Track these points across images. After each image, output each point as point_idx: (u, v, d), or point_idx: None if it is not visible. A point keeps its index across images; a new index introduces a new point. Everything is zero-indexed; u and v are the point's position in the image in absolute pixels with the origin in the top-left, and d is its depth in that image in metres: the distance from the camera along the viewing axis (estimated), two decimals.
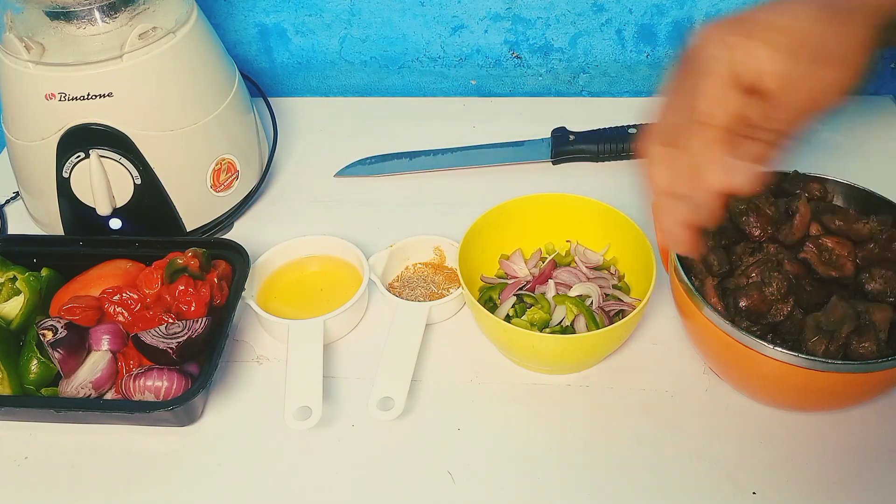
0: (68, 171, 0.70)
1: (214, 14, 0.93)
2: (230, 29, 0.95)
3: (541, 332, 0.63)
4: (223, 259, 0.68)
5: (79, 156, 0.69)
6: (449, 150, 0.87)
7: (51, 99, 0.67)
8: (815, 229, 0.60)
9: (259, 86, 0.90)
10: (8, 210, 0.83)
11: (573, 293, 0.65)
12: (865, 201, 0.63)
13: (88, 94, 0.67)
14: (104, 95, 0.67)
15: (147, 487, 0.58)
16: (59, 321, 0.61)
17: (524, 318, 0.65)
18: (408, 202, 0.82)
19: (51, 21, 0.68)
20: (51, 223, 0.74)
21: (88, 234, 0.72)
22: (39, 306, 0.65)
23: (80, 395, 0.60)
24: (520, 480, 0.57)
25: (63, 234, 0.74)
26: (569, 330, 0.64)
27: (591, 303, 0.65)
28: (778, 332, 0.57)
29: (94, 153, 0.68)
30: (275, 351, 0.67)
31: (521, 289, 0.67)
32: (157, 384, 0.59)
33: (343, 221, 0.79)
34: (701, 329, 0.58)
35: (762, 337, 0.54)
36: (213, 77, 0.74)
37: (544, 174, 0.85)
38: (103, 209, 0.70)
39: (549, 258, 0.70)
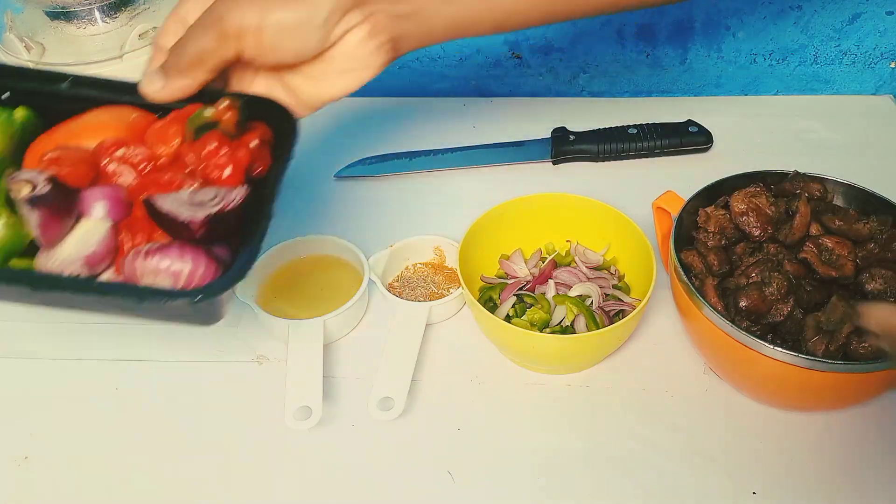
0: None
1: None
2: None
3: (541, 332, 0.63)
4: (261, 121, 0.53)
5: None
6: (449, 150, 0.87)
7: None
8: (815, 229, 0.60)
9: None
10: None
11: (573, 293, 0.65)
12: (865, 201, 0.63)
13: None
14: None
15: (146, 488, 0.58)
16: (39, 174, 0.46)
17: (524, 318, 0.65)
18: (408, 202, 0.82)
19: (51, 21, 0.68)
20: None
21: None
22: (10, 156, 0.51)
23: (69, 273, 0.45)
24: (520, 480, 0.57)
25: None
26: (569, 330, 0.64)
27: (591, 303, 0.65)
28: (778, 332, 0.57)
29: None
30: (275, 351, 0.67)
31: (521, 289, 0.67)
32: (175, 266, 0.43)
33: (343, 221, 0.79)
34: (701, 329, 0.58)
35: (762, 337, 0.54)
36: None
37: (544, 174, 0.85)
38: None
39: (549, 258, 0.70)
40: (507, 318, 0.66)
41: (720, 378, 0.63)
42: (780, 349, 0.53)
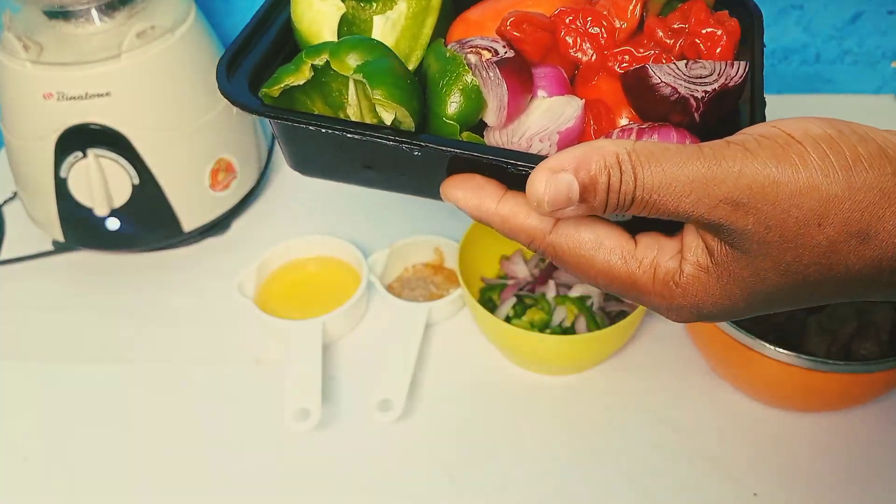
0: (66, 171, 0.69)
1: (213, 13, 0.92)
2: (228, 28, 0.94)
3: (541, 332, 0.63)
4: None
5: (76, 156, 0.68)
6: None
7: (49, 98, 0.66)
8: None
9: None
10: (6, 210, 0.82)
11: (574, 294, 0.65)
12: None
13: (86, 94, 0.66)
14: (102, 95, 0.67)
15: (145, 488, 0.58)
16: (493, 41, 0.39)
17: (524, 318, 0.65)
18: (408, 202, 0.81)
19: (49, 20, 0.68)
20: (48, 223, 0.74)
21: None
22: (435, 30, 0.42)
23: (534, 152, 0.38)
24: (520, 482, 0.57)
25: (63, 234, 0.73)
26: (569, 331, 0.63)
27: (592, 303, 0.65)
28: (779, 333, 0.57)
29: (91, 153, 0.68)
30: (273, 352, 0.67)
31: (521, 289, 0.67)
32: None
33: (343, 221, 0.79)
34: (702, 330, 0.58)
35: (763, 337, 0.54)
36: (211, 76, 0.74)
37: None
38: (101, 209, 0.70)
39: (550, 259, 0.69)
40: (507, 319, 0.65)
41: (721, 378, 0.63)
42: (781, 350, 0.52)
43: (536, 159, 0.33)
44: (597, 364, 0.64)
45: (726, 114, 0.37)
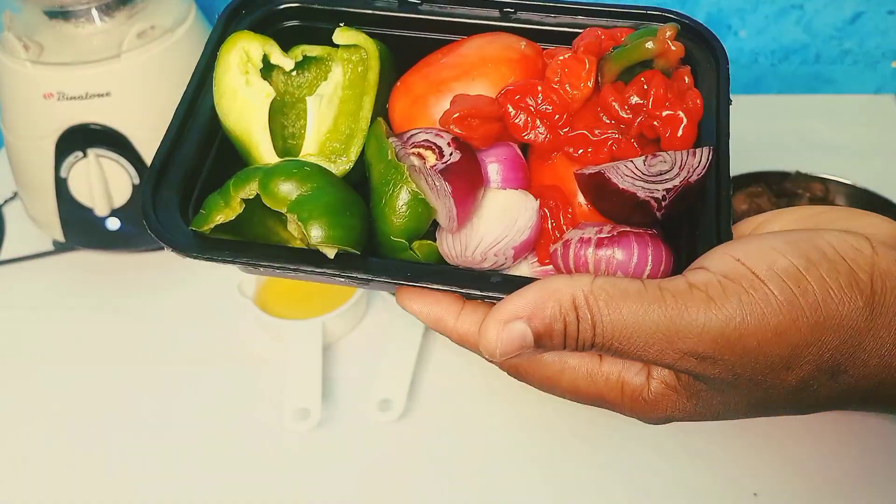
0: (66, 171, 0.69)
1: (213, 13, 0.92)
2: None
3: None
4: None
5: (77, 155, 0.68)
6: None
7: (49, 98, 0.66)
8: None
9: None
10: (7, 210, 0.82)
11: None
12: (866, 201, 0.63)
13: (86, 94, 0.66)
14: (102, 95, 0.67)
15: (145, 488, 0.58)
16: (437, 135, 0.36)
17: None
18: None
19: (49, 20, 0.68)
20: (48, 223, 0.74)
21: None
22: (361, 100, 0.39)
23: (488, 267, 0.35)
24: (519, 482, 0.57)
25: (63, 234, 0.73)
26: None
27: None
28: None
29: (92, 153, 0.68)
30: (273, 352, 0.67)
31: None
32: (635, 261, 0.33)
33: None
34: None
35: None
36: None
37: None
38: (101, 209, 0.70)
39: None
40: None
41: None
42: None
43: (489, 286, 0.32)
44: None
45: (692, 201, 0.34)
